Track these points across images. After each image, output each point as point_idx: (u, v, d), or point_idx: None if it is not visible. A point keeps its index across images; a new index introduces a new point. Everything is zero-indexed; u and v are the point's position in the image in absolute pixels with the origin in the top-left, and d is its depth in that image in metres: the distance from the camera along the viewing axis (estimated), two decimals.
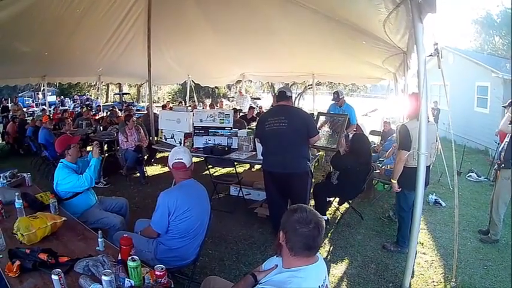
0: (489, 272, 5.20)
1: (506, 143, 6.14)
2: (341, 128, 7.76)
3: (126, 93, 36.32)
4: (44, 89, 18.18)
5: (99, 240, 3.33)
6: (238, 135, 7.70)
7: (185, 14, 9.39)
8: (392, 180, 5.29)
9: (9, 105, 22.63)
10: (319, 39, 8.93)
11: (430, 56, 4.73)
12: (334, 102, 9.33)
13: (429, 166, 5.21)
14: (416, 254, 4.92)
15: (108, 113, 15.50)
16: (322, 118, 8.42)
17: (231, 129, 7.81)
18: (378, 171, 8.08)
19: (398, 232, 5.76)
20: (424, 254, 5.68)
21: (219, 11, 9.02)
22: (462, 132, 16.41)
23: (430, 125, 4.76)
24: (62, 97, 34.05)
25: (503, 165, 6.06)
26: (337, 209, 7.31)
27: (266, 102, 25.59)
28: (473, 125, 16.71)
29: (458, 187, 4.88)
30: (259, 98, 25.63)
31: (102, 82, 19.34)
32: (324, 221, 2.30)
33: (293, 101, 6.19)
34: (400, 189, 5.26)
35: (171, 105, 15.46)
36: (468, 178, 10.45)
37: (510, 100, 6.34)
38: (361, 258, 5.48)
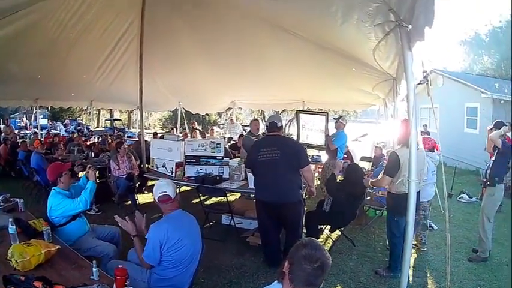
0: None
1: (492, 161, 6.36)
2: (325, 126, 9.03)
3: (117, 119, 36.25)
4: (36, 112, 18.20)
5: (94, 269, 3.32)
6: (230, 164, 7.75)
7: (177, 41, 9.50)
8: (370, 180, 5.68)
9: (1, 126, 22.59)
10: (310, 67, 9.07)
11: (419, 83, 4.82)
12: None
13: (419, 192, 5.25)
14: (409, 278, 4.95)
15: (100, 139, 15.45)
16: (303, 116, 9.59)
17: (222, 158, 7.83)
18: (369, 197, 8.13)
19: (390, 257, 5.80)
20: (417, 277, 5.71)
21: (211, 38, 9.13)
22: (453, 153, 16.46)
23: (419, 152, 4.85)
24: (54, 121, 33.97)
25: (488, 182, 6.34)
26: (329, 236, 7.31)
27: None
28: (463, 146, 16.85)
29: (450, 209, 4.96)
30: (249, 125, 25.75)
31: (93, 107, 19.35)
32: (330, 261, 2.33)
33: (283, 129, 6.23)
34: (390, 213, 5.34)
35: (159, 134, 15.23)
36: (460, 200, 10.58)
37: (496, 121, 6.57)
38: (354, 284, 5.49)
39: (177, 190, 4.16)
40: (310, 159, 6.66)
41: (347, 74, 8.34)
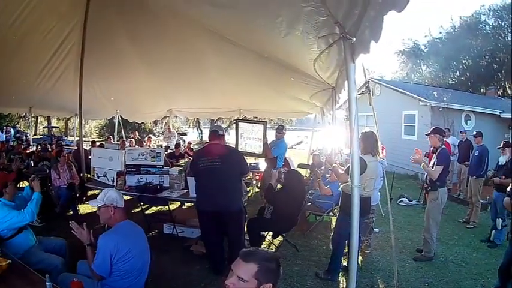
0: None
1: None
2: (263, 134, 9.27)
3: (55, 127, 35.45)
4: None
5: (47, 283, 3.25)
6: (170, 173, 7.80)
7: (118, 48, 9.37)
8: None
9: None
10: (248, 76, 9.25)
11: (361, 94, 4.95)
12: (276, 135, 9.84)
13: (369, 197, 5.62)
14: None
15: (39, 147, 15.06)
16: (242, 125, 9.95)
17: (163, 167, 7.87)
18: (309, 203, 8.28)
19: (330, 259, 5.92)
20: (364, 278, 5.86)
21: (151, 46, 9.09)
22: (390, 159, 16.82)
23: (374, 161, 5.36)
24: None
25: (429, 187, 6.67)
26: (272, 242, 7.43)
27: (192, 138, 26.09)
28: (401, 152, 17.27)
29: (391, 212, 5.13)
30: (185, 134, 25.73)
31: (32, 114, 18.80)
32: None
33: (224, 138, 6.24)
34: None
35: (97, 143, 14.84)
36: (400, 203, 11.20)
37: (433, 127, 6.85)
38: None
39: None
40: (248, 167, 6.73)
41: (285, 84, 8.50)
